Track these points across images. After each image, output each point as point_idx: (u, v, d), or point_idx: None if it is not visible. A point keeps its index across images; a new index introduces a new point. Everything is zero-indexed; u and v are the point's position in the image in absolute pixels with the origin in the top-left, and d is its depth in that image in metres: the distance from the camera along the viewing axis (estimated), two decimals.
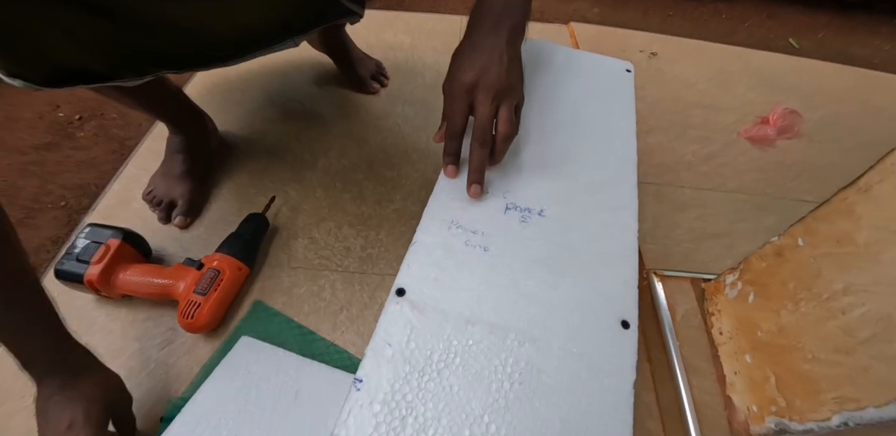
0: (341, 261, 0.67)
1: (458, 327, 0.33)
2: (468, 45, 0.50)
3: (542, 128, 0.49)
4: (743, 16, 1.84)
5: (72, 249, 0.61)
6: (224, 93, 0.93)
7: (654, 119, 0.96)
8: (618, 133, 0.50)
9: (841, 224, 0.43)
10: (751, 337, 0.52)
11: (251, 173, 0.79)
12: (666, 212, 0.77)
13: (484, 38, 0.49)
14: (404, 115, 0.89)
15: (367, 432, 0.29)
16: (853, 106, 1.17)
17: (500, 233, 0.39)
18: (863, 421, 0.38)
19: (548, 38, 1.18)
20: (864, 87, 1.27)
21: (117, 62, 0.50)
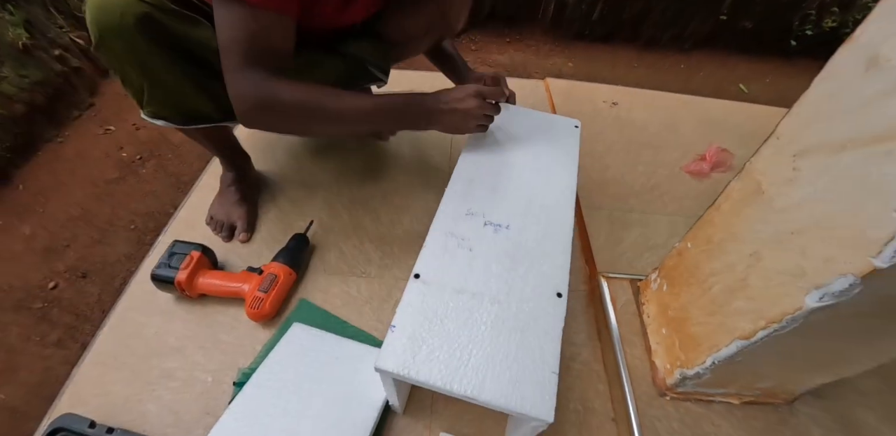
0: (364, 268, 0.88)
1: (452, 295, 0.54)
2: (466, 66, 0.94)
3: (511, 169, 0.71)
4: (699, 65, 2.12)
5: (164, 259, 0.82)
6: (263, 137, 1.16)
7: (610, 157, 1.19)
8: (563, 172, 0.72)
9: (707, 230, 0.65)
10: (665, 315, 0.72)
11: (291, 202, 1.00)
12: (615, 230, 0.99)
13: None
14: (410, 156, 1.12)
15: (399, 353, 0.49)
16: None
17: (480, 239, 0.60)
18: (720, 358, 0.58)
19: (527, 91, 1.44)
20: None
21: (227, 110, 0.74)
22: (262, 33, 0.60)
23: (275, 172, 1.08)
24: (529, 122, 0.82)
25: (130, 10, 0.58)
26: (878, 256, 0.38)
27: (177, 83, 0.68)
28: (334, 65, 0.85)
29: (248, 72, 0.62)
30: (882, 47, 0.41)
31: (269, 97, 0.63)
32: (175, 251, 0.82)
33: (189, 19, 0.64)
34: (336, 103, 0.67)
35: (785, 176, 0.50)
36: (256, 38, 0.60)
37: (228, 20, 0.59)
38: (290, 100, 0.64)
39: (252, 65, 0.61)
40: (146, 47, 0.61)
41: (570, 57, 2.00)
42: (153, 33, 0.61)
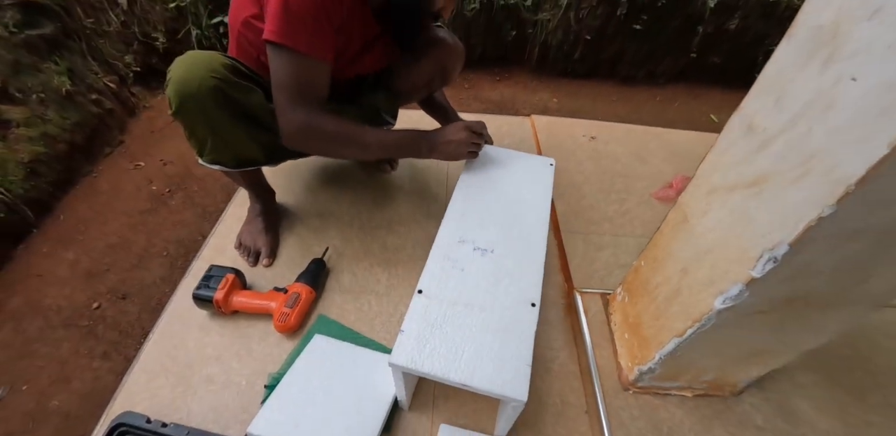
0: (374, 288, 1.03)
1: (449, 306, 0.69)
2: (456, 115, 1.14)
3: (495, 203, 0.87)
4: (673, 97, 2.32)
5: (203, 281, 0.96)
6: (284, 174, 1.32)
7: (587, 187, 1.35)
8: (539, 205, 0.88)
9: (654, 250, 0.80)
10: (627, 322, 0.87)
11: (308, 230, 1.15)
12: (590, 251, 1.14)
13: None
14: (412, 189, 1.28)
15: (408, 351, 0.64)
16: None
17: (470, 261, 0.75)
18: (664, 354, 0.72)
19: (514, 127, 1.61)
20: None
21: (270, 155, 0.91)
22: (307, 75, 0.80)
23: (294, 204, 1.23)
24: (511, 161, 0.98)
25: (205, 84, 0.75)
26: (754, 269, 0.54)
27: (236, 137, 0.85)
28: (353, 112, 1.02)
29: (297, 105, 0.80)
30: (755, 117, 0.58)
31: (314, 126, 0.82)
32: (212, 274, 0.97)
33: (247, 88, 0.81)
34: (364, 135, 0.87)
35: (702, 209, 0.66)
36: (303, 79, 0.80)
37: (282, 65, 0.78)
38: (329, 129, 0.84)
39: (300, 100, 0.80)
40: (215, 111, 0.79)
41: (555, 92, 2.20)
42: (221, 100, 0.78)
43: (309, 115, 0.81)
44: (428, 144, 0.91)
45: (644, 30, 2.08)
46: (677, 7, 2.03)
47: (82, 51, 1.76)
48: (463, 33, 2.07)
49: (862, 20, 0.41)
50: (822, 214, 0.45)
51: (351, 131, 0.86)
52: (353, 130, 0.87)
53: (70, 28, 1.73)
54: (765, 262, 0.51)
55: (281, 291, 0.97)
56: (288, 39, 0.74)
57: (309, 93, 0.82)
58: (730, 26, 2.17)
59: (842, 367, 0.93)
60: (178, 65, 0.76)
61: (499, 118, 1.64)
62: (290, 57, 0.77)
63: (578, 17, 2.04)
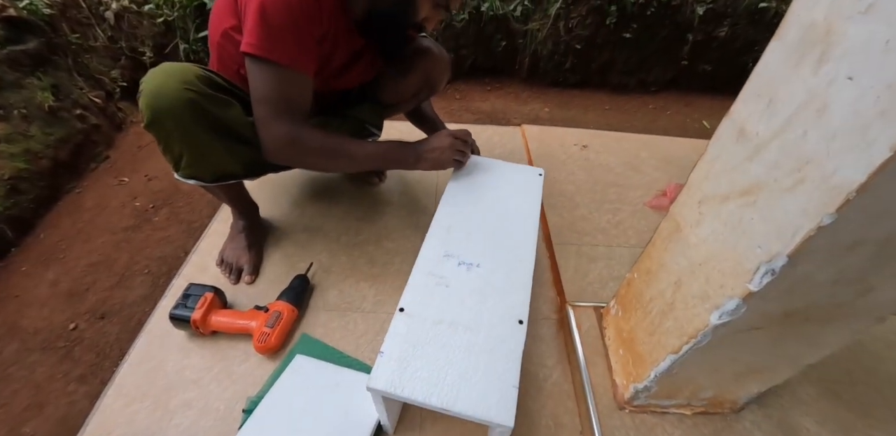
0: (360, 305, 0.99)
1: (432, 324, 0.65)
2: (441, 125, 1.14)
3: (482, 216, 0.84)
4: (665, 105, 2.31)
5: (181, 300, 0.92)
6: (270, 188, 1.29)
7: (579, 197, 1.33)
8: (527, 217, 0.85)
9: (646, 262, 0.77)
10: (620, 338, 0.83)
11: (294, 245, 1.12)
12: (583, 263, 1.10)
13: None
14: (401, 202, 1.25)
15: (387, 374, 0.60)
16: None
17: (456, 277, 0.71)
18: (659, 371, 0.69)
19: (506, 137, 1.59)
20: None
21: (249, 169, 0.88)
22: (289, 88, 0.78)
23: (280, 218, 1.20)
24: (499, 172, 0.96)
25: (179, 96, 0.73)
26: (751, 282, 0.50)
27: (212, 151, 0.82)
28: (339, 124, 1.00)
29: (280, 119, 0.78)
30: (746, 122, 0.55)
31: (298, 139, 0.80)
32: (190, 293, 0.93)
33: (223, 101, 0.79)
34: (349, 147, 0.86)
35: (694, 219, 0.63)
36: (285, 92, 0.78)
37: (262, 78, 0.76)
38: (314, 142, 0.82)
39: (282, 114, 0.79)
40: (190, 125, 0.76)
41: (547, 102, 2.19)
42: (196, 114, 0.75)
43: (292, 128, 0.79)
44: (414, 154, 0.89)
45: (634, 38, 2.08)
46: (666, 15, 2.03)
47: (68, 66, 1.74)
48: (453, 44, 2.07)
49: (855, 15, 0.38)
50: (821, 223, 0.42)
51: (336, 144, 0.85)
52: (339, 142, 0.85)
53: (55, 44, 1.72)
54: (762, 274, 0.48)
55: (262, 310, 0.93)
56: (267, 52, 0.72)
57: (291, 106, 0.80)
58: (719, 34, 2.17)
59: (844, 380, 0.89)
60: (151, 76, 0.74)
61: (489, 128, 1.63)
62: (270, 70, 0.75)
63: (568, 26, 2.04)
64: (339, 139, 0.86)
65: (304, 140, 0.81)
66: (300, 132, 0.80)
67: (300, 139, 0.81)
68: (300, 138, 0.80)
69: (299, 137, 0.80)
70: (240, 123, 0.80)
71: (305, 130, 0.81)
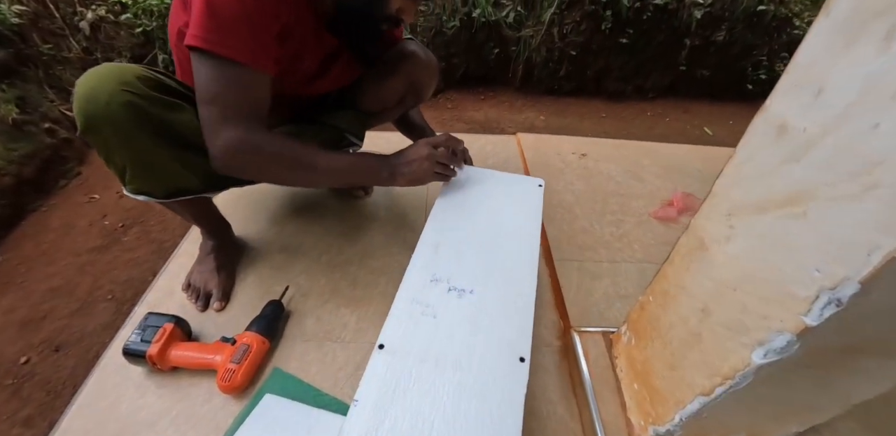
0: (340, 333, 0.88)
1: (416, 364, 0.55)
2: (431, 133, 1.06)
3: (475, 232, 0.74)
4: (663, 112, 2.24)
5: (137, 332, 0.81)
6: (247, 203, 1.19)
7: (579, 208, 1.23)
8: (526, 233, 0.75)
9: (663, 283, 0.67)
10: (634, 369, 0.73)
11: (271, 267, 1.02)
12: (586, 282, 1.00)
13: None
14: (386, 218, 1.15)
15: (361, 428, 0.49)
16: None
17: (445, 305, 0.61)
18: (686, 415, 0.58)
19: (500, 146, 1.51)
20: None
21: (208, 182, 0.77)
22: (241, 87, 0.67)
23: (256, 237, 1.10)
24: (494, 183, 0.86)
25: (115, 99, 0.63)
26: (807, 315, 0.41)
27: (160, 162, 0.72)
28: (314, 133, 0.90)
29: (229, 122, 0.67)
30: (788, 116, 0.46)
31: (250, 145, 0.69)
32: (149, 324, 0.83)
33: (171, 104, 0.69)
34: (312, 157, 0.74)
35: (723, 233, 0.54)
36: (236, 91, 0.67)
37: (209, 74, 0.65)
38: (269, 149, 0.71)
39: (232, 116, 0.67)
40: (131, 132, 0.66)
41: (542, 111, 2.11)
42: (137, 119, 0.66)
43: (244, 133, 0.68)
44: (388, 168, 0.79)
45: (630, 44, 2.02)
46: (662, 20, 1.98)
47: (38, 78, 1.66)
48: (444, 52, 2.00)
49: None
50: None
51: (297, 153, 0.74)
52: (300, 151, 0.74)
53: (25, 54, 1.64)
54: (823, 305, 0.38)
55: (228, 343, 0.82)
56: (215, 45, 0.63)
57: (244, 107, 0.69)
58: (717, 38, 2.12)
59: (888, 414, 0.79)
60: (84, 78, 0.64)
61: (482, 137, 1.54)
62: (219, 65, 0.65)
63: (562, 32, 1.97)
64: (302, 148, 0.75)
65: (258, 146, 0.69)
66: (254, 137, 0.69)
67: (253, 145, 0.69)
68: (253, 144, 0.69)
69: (253, 143, 0.69)
70: (193, 129, 0.70)
71: (260, 134, 0.70)
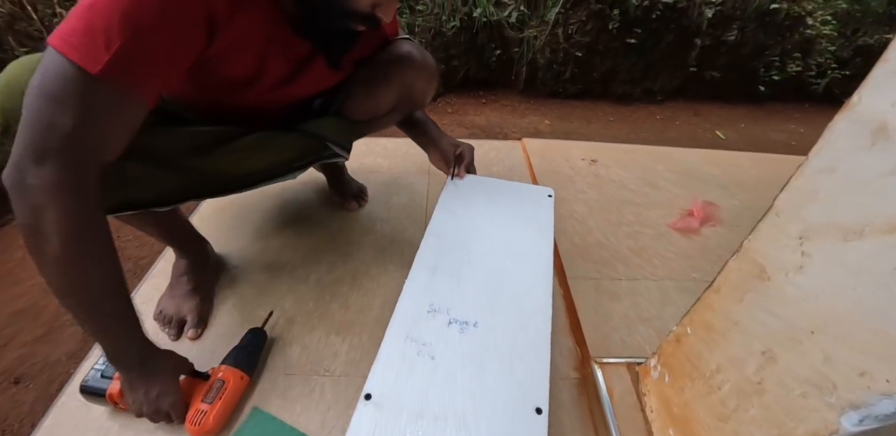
0: (329, 365, 0.78)
1: (410, 420, 0.45)
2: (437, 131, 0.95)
3: (479, 252, 0.64)
4: (673, 115, 2.15)
5: (98, 366, 0.71)
6: (229, 216, 1.09)
7: (592, 219, 1.13)
8: (538, 252, 0.65)
9: (706, 315, 0.57)
10: (669, 412, 0.62)
11: (253, 288, 0.92)
12: (604, 303, 0.90)
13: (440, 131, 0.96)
14: (382, 231, 1.05)
15: None
16: (767, 190, 1.36)
17: (444, 342, 0.51)
18: None
19: (504, 152, 1.41)
20: (777, 173, 1.47)
21: (160, 195, 0.67)
22: (96, 114, 0.47)
23: (238, 254, 1.00)
24: (499, 194, 0.76)
25: None
26: None
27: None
28: (288, 143, 0.79)
29: (50, 159, 0.45)
30: (889, 117, 0.36)
31: (48, 214, 0.46)
32: None
33: None
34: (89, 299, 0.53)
35: (792, 261, 0.43)
36: (84, 116, 0.46)
37: (49, 80, 0.45)
38: (53, 241, 0.46)
39: (59, 151, 0.45)
40: None
41: (546, 115, 2.02)
42: None
43: (59, 186, 0.46)
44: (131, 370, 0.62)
45: (638, 45, 1.93)
46: (672, 19, 1.89)
47: None
48: (443, 54, 1.91)
49: None
50: None
51: (86, 271, 0.51)
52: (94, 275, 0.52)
53: (0, 59, 1.54)
54: None
55: (201, 378, 0.72)
56: (73, 50, 0.45)
57: (83, 142, 0.47)
58: (728, 38, 2.03)
59: None
60: (4, 72, 0.54)
61: (485, 143, 1.44)
62: (71, 75, 0.45)
63: (567, 33, 1.88)
64: (106, 277, 0.53)
65: (57, 220, 0.46)
66: (66, 203, 0.46)
67: (52, 215, 0.46)
68: (53, 214, 0.46)
69: (55, 212, 0.46)
70: (141, 132, 0.59)
71: (79, 201, 0.48)
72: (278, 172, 0.81)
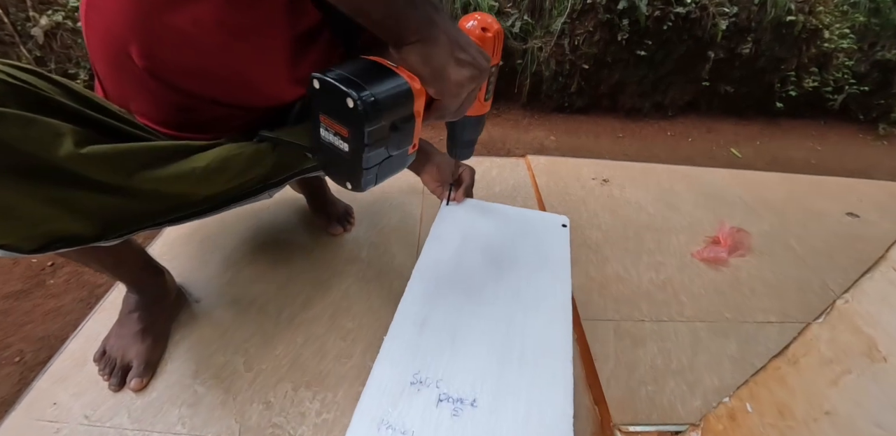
0: (295, 429, 0.64)
1: None
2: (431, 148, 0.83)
3: (480, 299, 0.51)
4: (685, 132, 2.04)
5: None
6: (197, 241, 0.97)
7: (609, 247, 1.00)
8: (554, 297, 0.53)
9: (777, 392, 0.43)
10: None
11: (214, 327, 0.78)
12: (626, 349, 0.77)
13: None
14: (369, 259, 0.92)
15: None
16: (795, 213, 1.24)
17: (430, 430, 0.38)
18: None
19: (507, 170, 1.29)
20: (803, 193, 1.36)
21: (103, 226, 0.54)
22: None
23: (203, 284, 0.87)
24: (504, 223, 0.64)
25: None
26: None
27: (17, 200, 0.49)
28: (261, 155, 0.65)
29: None
30: None
31: None
32: None
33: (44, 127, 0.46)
34: None
35: None
36: None
37: None
38: None
39: None
40: None
41: (552, 130, 1.91)
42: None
43: None
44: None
45: (648, 57, 1.83)
46: (684, 30, 1.79)
47: None
48: None
49: None
50: None
51: None
52: None
53: None
54: None
55: None
56: None
57: None
58: (742, 51, 1.93)
59: None
60: None
61: (486, 160, 1.32)
62: None
63: (573, 44, 1.78)
64: None
65: None
66: None
67: None
68: None
69: None
70: (74, 159, 0.47)
71: None
72: (249, 191, 0.68)
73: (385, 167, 0.45)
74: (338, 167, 0.46)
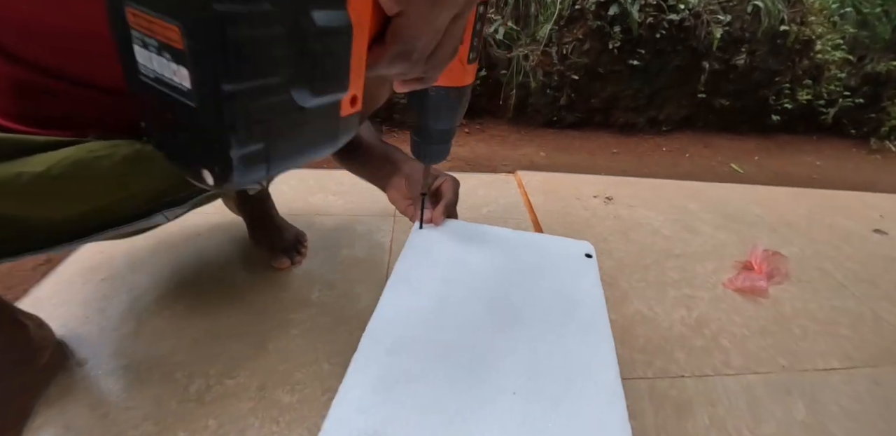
0: None
1: None
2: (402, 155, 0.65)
3: (476, 377, 0.31)
4: (682, 148, 1.90)
5: None
6: (101, 278, 0.74)
7: (625, 280, 0.81)
8: (595, 370, 0.33)
9: None
10: None
11: (93, 406, 0.56)
12: (669, 419, 0.56)
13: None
14: (321, 303, 0.71)
15: None
16: (821, 232, 1.09)
17: None
18: None
19: (495, 188, 1.11)
20: (822, 209, 1.21)
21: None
22: None
23: (93, 338, 0.65)
24: (504, 255, 0.44)
25: None
26: None
27: None
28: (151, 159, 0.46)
29: None
30: None
31: None
32: None
33: None
34: None
35: None
36: None
37: None
38: None
39: None
40: None
41: (542, 146, 1.75)
42: None
43: None
44: None
45: (642, 67, 1.70)
46: (679, 39, 1.67)
47: None
48: None
49: None
50: None
51: None
52: None
53: None
54: None
55: None
56: None
57: None
58: (737, 62, 1.82)
59: None
60: None
61: (472, 176, 1.14)
62: None
63: (562, 53, 1.65)
64: None
65: None
66: None
67: None
68: None
69: None
70: None
71: None
72: (136, 212, 0.48)
73: (286, 135, 0.20)
74: (181, 135, 0.20)
